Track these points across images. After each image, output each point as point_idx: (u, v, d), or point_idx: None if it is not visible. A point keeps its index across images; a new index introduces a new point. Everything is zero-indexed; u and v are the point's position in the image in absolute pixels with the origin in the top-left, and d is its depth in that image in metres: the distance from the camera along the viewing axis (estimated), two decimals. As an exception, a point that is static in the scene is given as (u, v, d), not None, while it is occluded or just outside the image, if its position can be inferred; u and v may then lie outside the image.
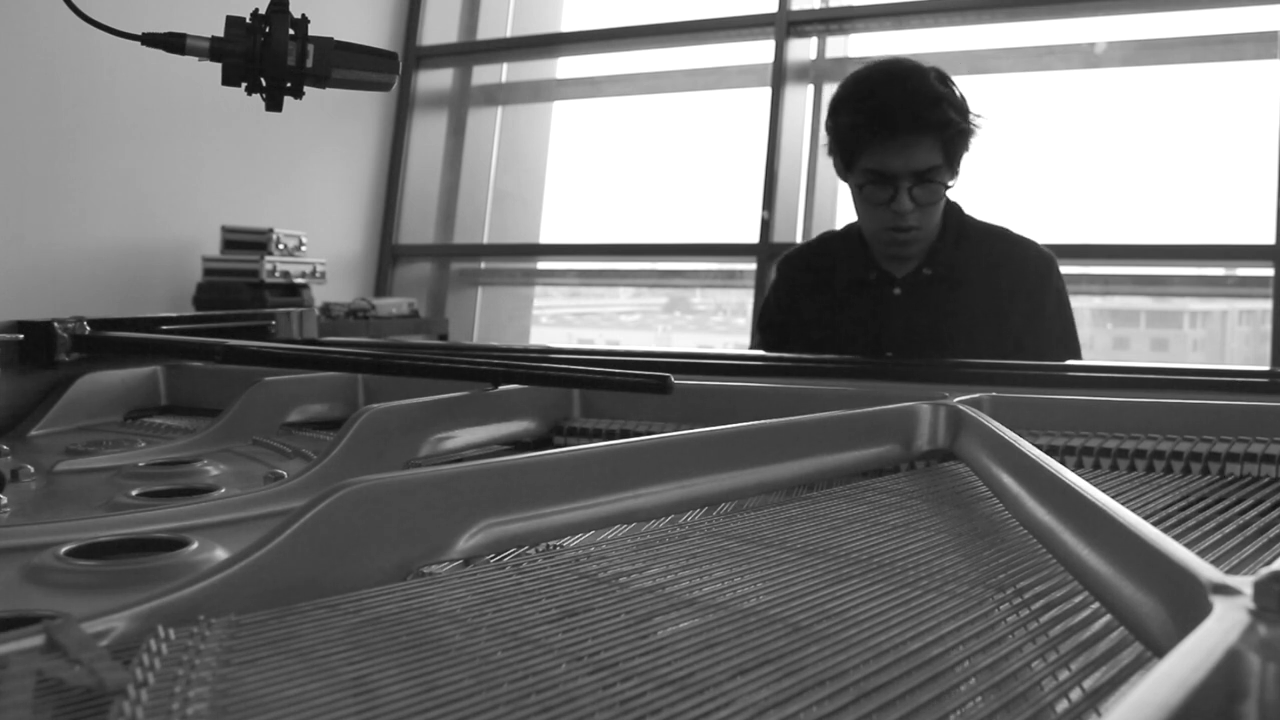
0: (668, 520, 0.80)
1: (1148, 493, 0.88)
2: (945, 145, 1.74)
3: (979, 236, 1.88)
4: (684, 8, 4.49)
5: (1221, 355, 3.97)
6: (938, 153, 1.73)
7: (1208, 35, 3.65)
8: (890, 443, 0.99)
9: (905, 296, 1.85)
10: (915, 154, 1.72)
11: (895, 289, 1.86)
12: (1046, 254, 1.92)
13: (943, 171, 1.75)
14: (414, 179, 4.86)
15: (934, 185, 1.75)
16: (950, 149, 1.74)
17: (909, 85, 1.74)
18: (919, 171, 1.73)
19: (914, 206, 1.75)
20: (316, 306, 3.88)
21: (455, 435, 1.12)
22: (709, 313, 5.03)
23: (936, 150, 1.73)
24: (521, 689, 0.46)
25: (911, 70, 1.77)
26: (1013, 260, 1.88)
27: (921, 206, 1.76)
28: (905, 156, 1.73)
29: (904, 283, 1.86)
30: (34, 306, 1.72)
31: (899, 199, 1.75)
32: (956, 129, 1.74)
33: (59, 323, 1.43)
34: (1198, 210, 3.75)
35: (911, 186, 1.74)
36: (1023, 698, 0.47)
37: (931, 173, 1.74)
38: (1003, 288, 1.84)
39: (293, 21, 1.16)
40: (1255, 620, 0.42)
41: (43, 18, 3.35)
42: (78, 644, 0.49)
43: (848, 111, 1.79)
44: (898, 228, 1.78)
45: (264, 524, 0.78)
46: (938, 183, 1.75)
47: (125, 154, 3.75)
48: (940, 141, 1.73)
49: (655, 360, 1.35)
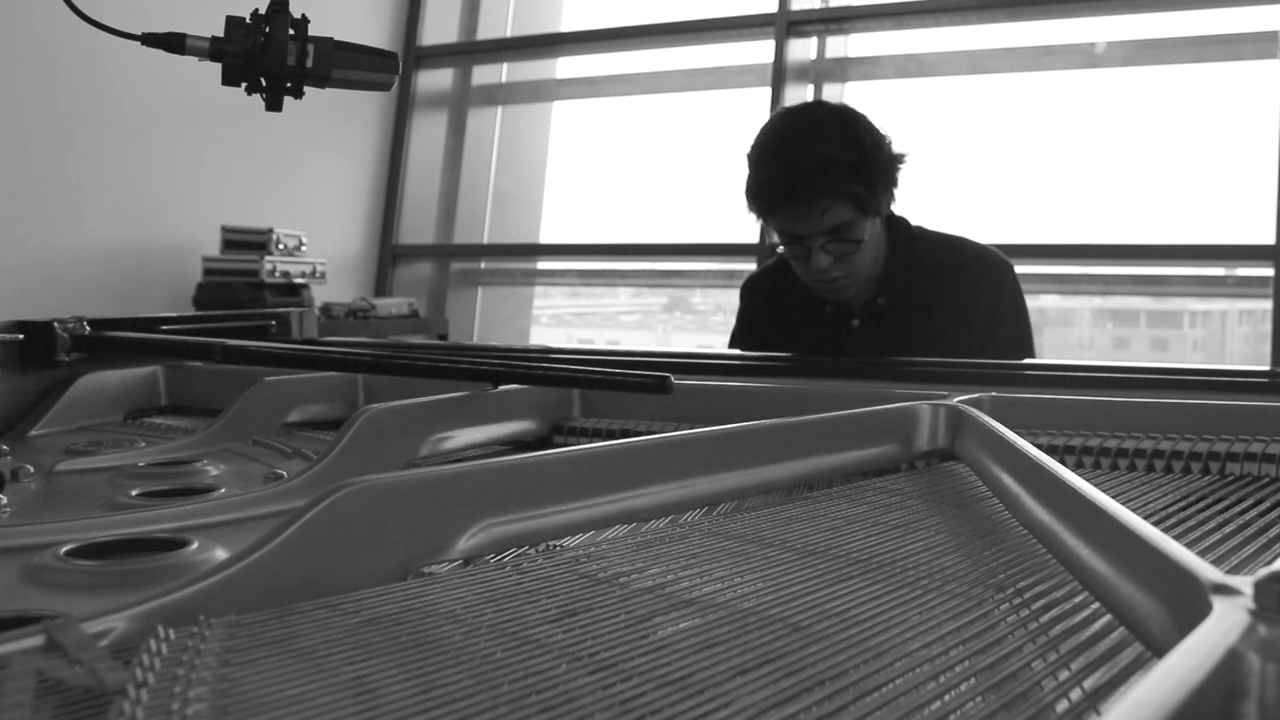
0: (668, 520, 0.80)
1: (1148, 493, 0.88)
2: (854, 200, 1.65)
3: (930, 254, 1.81)
4: (684, 8, 4.49)
5: (1221, 355, 3.97)
6: (846, 208, 1.65)
7: (1207, 35, 3.65)
8: (890, 443, 0.99)
9: (863, 327, 1.81)
10: (814, 217, 1.65)
11: (853, 320, 1.81)
12: (999, 260, 1.86)
13: (857, 224, 1.67)
14: (414, 179, 4.86)
15: (847, 241, 1.68)
16: (862, 201, 1.66)
17: (803, 149, 1.65)
18: (829, 230, 1.66)
19: (832, 259, 1.69)
20: (316, 306, 3.88)
21: (455, 435, 1.12)
22: (709, 313, 5.03)
23: (844, 207, 1.65)
24: (521, 689, 0.46)
25: (809, 129, 1.68)
26: (968, 274, 1.82)
27: (840, 258, 1.69)
28: (809, 221, 1.66)
29: (861, 313, 1.81)
30: (34, 306, 1.72)
31: (814, 257, 1.69)
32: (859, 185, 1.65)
33: (59, 323, 1.43)
34: (1198, 210, 3.75)
35: (824, 244, 1.67)
36: (1023, 698, 0.47)
37: (843, 229, 1.66)
38: (961, 303, 1.78)
39: (293, 21, 1.16)
40: (1255, 620, 0.42)
41: (43, 18, 3.35)
42: (78, 644, 0.49)
43: (751, 171, 1.73)
44: (822, 280, 1.73)
45: (264, 524, 0.78)
46: (851, 239, 1.68)
47: (125, 154, 3.75)
48: (845, 199, 1.65)
49: (655, 360, 1.35)
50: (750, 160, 1.74)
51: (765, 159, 1.70)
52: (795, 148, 1.67)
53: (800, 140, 1.68)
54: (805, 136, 1.68)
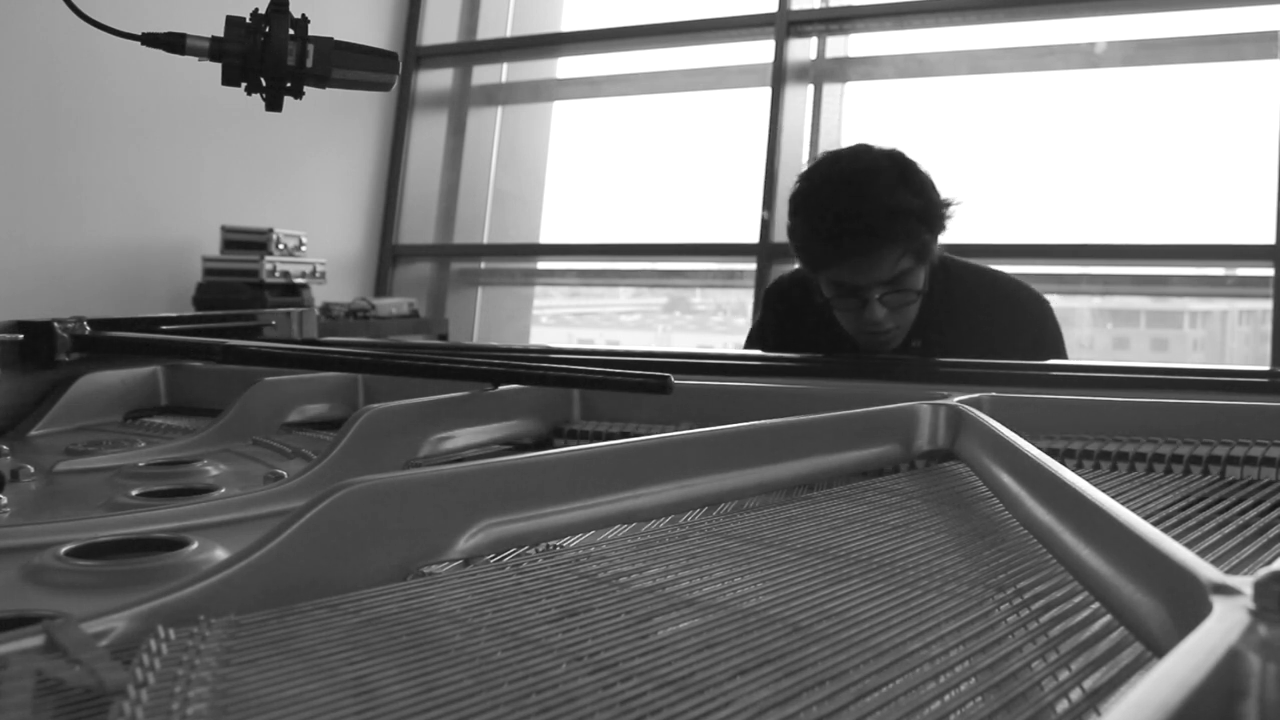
0: (668, 520, 0.80)
1: (1148, 493, 0.88)
2: (916, 250, 1.59)
3: (967, 293, 1.75)
4: (684, 8, 4.49)
5: (1221, 355, 3.97)
6: (907, 258, 1.59)
7: (1207, 35, 3.65)
8: (890, 443, 0.99)
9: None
10: (880, 267, 1.58)
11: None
12: (1038, 301, 1.80)
13: (915, 273, 1.62)
14: (414, 179, 4.86)
15: (907, 291, 1.62)
16: (921, 249, 1.60)
17: (864, 199, 1.57)
18: (888, 281, 1.60)
19: (887, 311, 1.62)
20: (316, 306, 3.88)
21: (455, 435, 1.12)
22: (709, 313, 5.03)
23: (905, 256, 1.59)
24: (521, 689, 0.46)
25: (866, 175, 1.60)
26: (1005, 315, 1.75)
27: (895, 309, 1.63)
28: (869, 272, 1.59)
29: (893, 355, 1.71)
30: (34, 306, 1.72)
31: (870, 309, 1.61)
32: (928, 232, 1.59)
33: (59, 323, 1.43)
34: (1198, 210, 3.75)
35: (883, 295, 1.61)
36: (1023, 698, 0.47)
37: (902, 279, 1.60)
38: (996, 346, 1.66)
39: (293, 21, 1.16)
40: (1255, 620, 0.42)
41: (43, 18, 3.35)
42: (78, 644, 0.49)
43: (801, 223, 1.65)
44: (874, 332, 1.65)
45: (264, 524, 0.78)
46: (910, 289, 1.62)
47: (125, 154, 3.75)
48: (908, 250, 1.59)
49: (655, 360, 1.35)
50: (802, 208, 1.65)
51: (824, 207, 1.61)
52: (858, 194, 1.58)
53: (862, 186, 1.59)
54: (866, 182, 1.60)
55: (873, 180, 1.59)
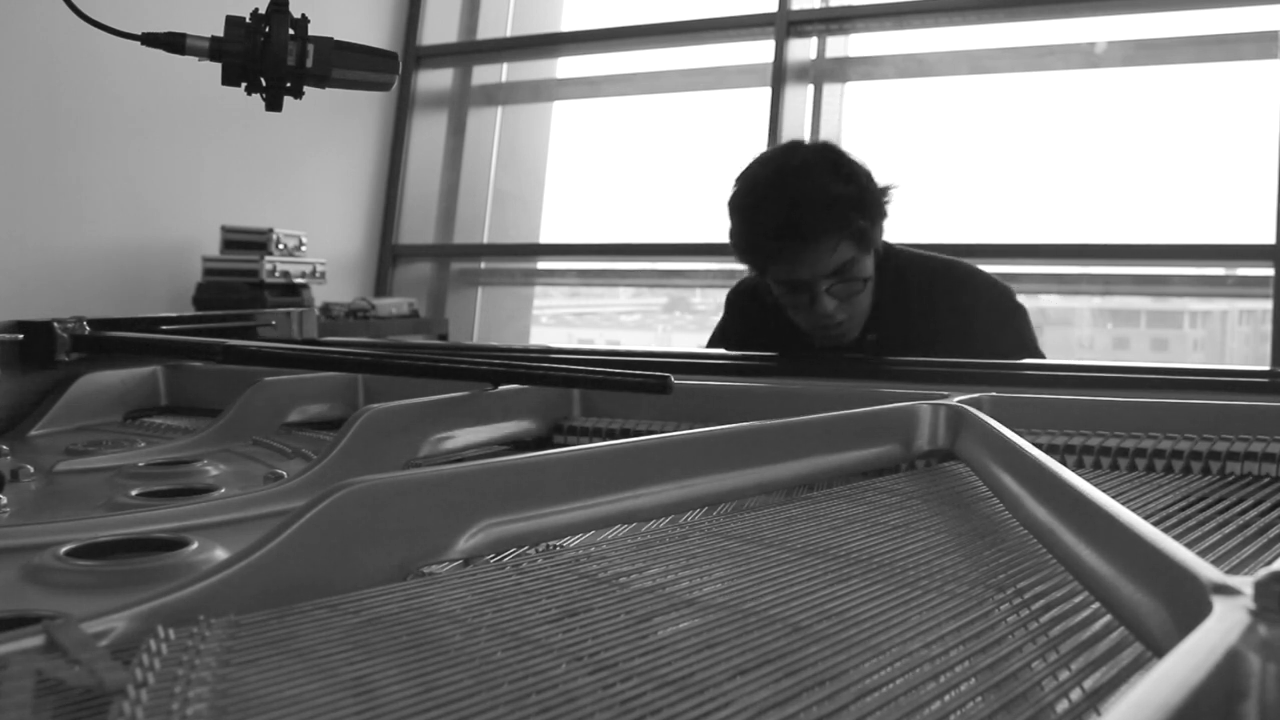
0: (668, 520, 0.80)
1: (1148, 492, 0.88)
2: (857, 236, 1.61)
3: (920, 281, 1.75)
4: (684, 8, 4.49)
5: (1221, 355, 3.97)
6: (849, 247, 1.61)
7: (1207, 35, 3.65)
8: (890, 443, 0.99)
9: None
10: (822, 258, 1.60)
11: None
12: (1002, 294, 1.79)
13: (859, 262, 1.63)
14: (414, 179, 4.86)
15: (853, 280, 1.64)
16: (863, 237, 1.62)
17: (801, 189, 1.59)
18: (833, 272, 1.62)
19: (838, 302, 1.64)
20: (316, 306, 3.88)
21: (455, 435, 1.12)
22: (709, 313, 5.03)
23: (847, 245, 1.61)
24: (521, 689, 0.46)
25: (797, 171, 1.62)
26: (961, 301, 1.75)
27: (844, 300, 1.65)
28: (812, 265, 1.61)
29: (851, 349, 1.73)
30: (34, 306, 1.72)
31: (820, 302, 1.63)
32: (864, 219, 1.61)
33: (59, 323, 1.43)
34: (1198, 210, 3.75)
35: (830, 286, 1.62)
36: (1023, 698, 0.47)
37: (847, 268, 1.62)
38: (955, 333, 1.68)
39: (293, 21, 1.16)
40: (1255, 620, 0.42)
41: (43, 18, 3.34)
42: (78, 644, 0.49)
43: (739, 225, 1.67)
44: (826, 325, 1.68)
45: (264, 524, 0.78)
46: (856, 277, 1.64)
47: (125, 154, 3.75)
48: (850, 236, 1.60)
49: (655, 360, 1.35)
50: (738, 210, 1.67)
51: (760, 205, 1.63)
52: (792, 189, 1.61)
53: (795, 181, 1.61)
54: (799, 176, 1.62)
55: (804, 175, 1.62)
